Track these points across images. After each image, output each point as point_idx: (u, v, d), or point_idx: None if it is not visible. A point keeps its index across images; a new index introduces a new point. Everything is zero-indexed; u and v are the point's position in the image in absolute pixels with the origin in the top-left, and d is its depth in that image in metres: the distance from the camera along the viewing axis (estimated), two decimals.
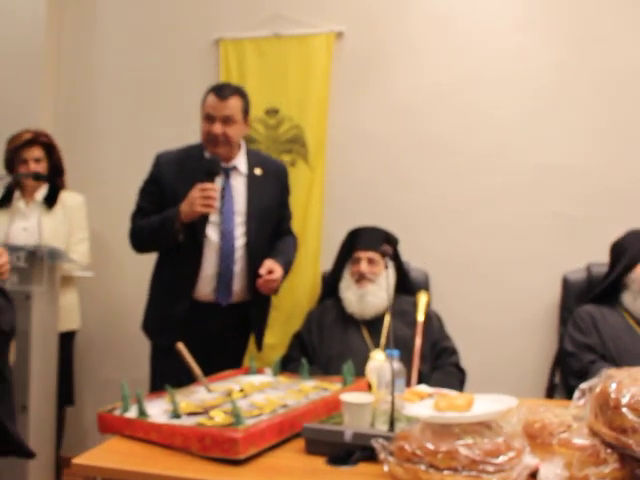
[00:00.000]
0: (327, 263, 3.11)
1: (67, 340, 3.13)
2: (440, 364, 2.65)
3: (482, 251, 3.16)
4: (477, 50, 3.17)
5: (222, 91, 2.51)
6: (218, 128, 2.49)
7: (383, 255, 2.23)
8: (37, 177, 2.95)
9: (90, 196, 3.30)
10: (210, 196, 2.40)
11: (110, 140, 3.64)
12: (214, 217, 2.52)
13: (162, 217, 2.50)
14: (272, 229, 2.69)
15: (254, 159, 2.66)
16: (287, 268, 2.64)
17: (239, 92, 2.57)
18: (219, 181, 2.54)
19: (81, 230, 3.13)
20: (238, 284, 2.58)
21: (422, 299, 2.76)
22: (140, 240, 2.62)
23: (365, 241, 2.73)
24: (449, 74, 3.19)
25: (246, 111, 2.58)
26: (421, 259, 3.09)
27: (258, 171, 2.63)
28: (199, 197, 2.39)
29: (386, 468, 1.39)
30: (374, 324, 2.67)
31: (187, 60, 3.52)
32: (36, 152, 3.03)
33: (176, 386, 1.88)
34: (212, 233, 2.53)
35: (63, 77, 3.72)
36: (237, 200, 2.57)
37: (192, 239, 2.50)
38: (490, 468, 1.28)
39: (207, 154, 2.55)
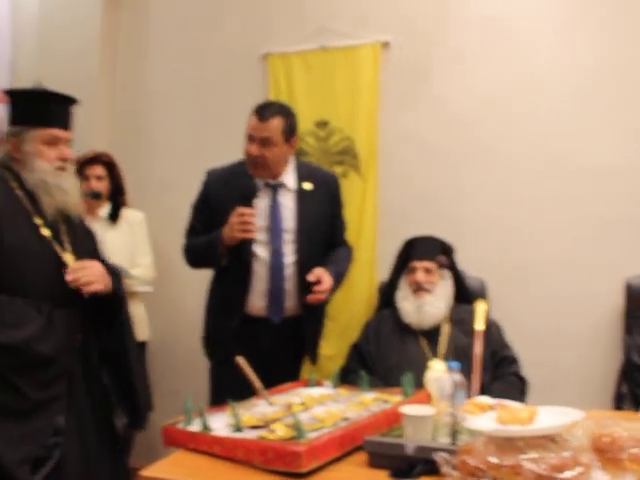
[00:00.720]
0: (383, 273, 3.10)
1: (139, 351, 3.22)
2: (500, 373, 2.61)
3: (540, 258, 3.11)
4: (527, 55, 3.13)
5: (263, 112, 2.47)
6: (255, 150, 2.47)
7: (439, 266, 2.21)
8: (94, 195, 3.05)
9: (150, 212, 3.39)
10: (247, 221, 2.39)
11: (166, 156, 3.74)
12: (263, 236, 2.52)
13: (208, 240, 2.52)
14: (324, 243, 2.67)
15: (304, 173, 2.63)
16: (339, 279, 2.62)
17: (282, 112, 2.51)
18: (266, 200, 2.54)
19: (144, 244, 3.23)
20: (290, 300, 2.58)
21: (480, 307, 2.71)
22: (191, 259, 2.67)
23: (421, 251, 2.71)
24: (500, 80, 3.17)
25: (289, 132, 2.52)
26: (478, 267, 3.05)
27: (308, 185, 2.61)
28: (236, 223, 2.39)
29: None
30: (432, 333, 2.65)
31: (236, 76, 3.59)
32: (98, 170, 3.13)
33: (235, 399, 1.90)
34: (261, 251, 2.53)
35: (118, 100, 3.85)
36: (286, 217, 2.56)
37: (240, 259, 2.51)
38: None
39: (256, 179, 2.54)
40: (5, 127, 2.14)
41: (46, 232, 2.03)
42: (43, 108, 2.07)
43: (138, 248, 3.20)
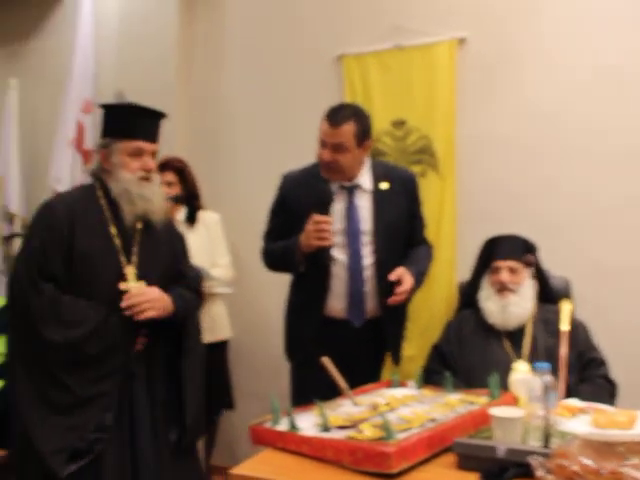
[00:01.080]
0: (462, 273, 3.06)
1: (220, 349, 3.35)
2: (588, 376, 2.53)
3: (628, 256, 3.00)
4: (608, 47, 3.03)
5: (335, 117, 2.44)
6: (327, 155, 2.45)
7: (526, 265, 2.16)
8: (175, 199, 3.13)
9: (227, 215, 3.45)
10: (323, 229, 2.38)
11: (242, 160, 3.81)
12: (340, 238, 2.51)
13: (285, 246, 2.53)
14: (402, 243, 2.64)
15: (379, 172, 2.61)
16: (420, 278, 2.59)
17: (354, 116, 2.47)
18: (343, 202, 2.53)
19: (221, 245, 3.30)
20: (371, 302, 2.56)
21: (565, 307, 2.64)
22: (270, 263, 2.70)
23: (504, 250, 2.65)
24: (581, 73, 3.07)
25: (362, 135, 2.48)
26: (562, 266, 2.95)
27: (384, 185, 2.58)
28: (312, 231, 2.38)
29: None
30: (515, 334, 2.59)
31: (312, 78, 3.62)
32: (168, 176, 3.19)
33: (316, 401, 1.91)
34: (339, 254, 2.52)
35: (195, 105, 3.95)
36: (363, 219, 2.54)
37: (318, 263, 2.50)
38: None
39: (332, 181, 2.54)
40: (97, 139, 2.29)
41: (117, 242, 2.17)
42: (129, 122, 2.20)
43: (216, 249, 3.27)
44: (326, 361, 2.04)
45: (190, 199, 3.25)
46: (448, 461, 1.59)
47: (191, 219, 3.25)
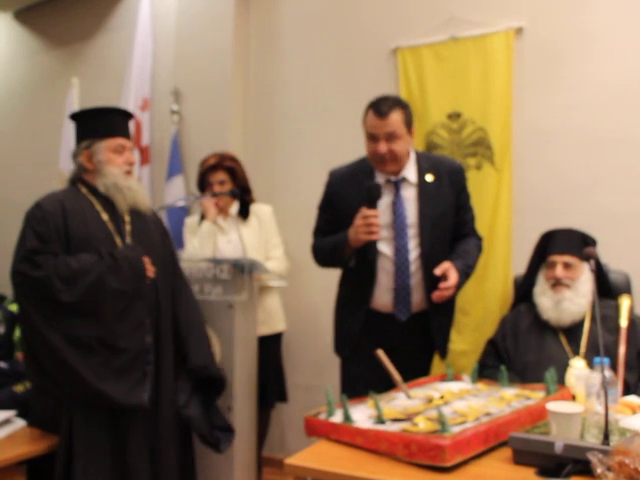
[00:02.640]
0: (518, 267, 3.01)
1: (275, 341, 3.38)
2: None
3: None
4: None
5: (381, 108, 2.44)
6: (383, 147, 2.44)
7: (588, 259, 2.11)
8: (232, 194, 3.17)
9: (280, 208, 3.48)
10: (372, 223, 2.37)
11: (294, 154, 3.83)
12: (387, 232, 2.50)
13: (334, 242, 2.54)
14: (449, 235, 2.62)
15: (425, 165, 2.59)
16: (468, 272, 2.56)
17: (398, 105, 2.48)
18: (389, 196, 2.52)
19: (274, 236, 3.32)
20: (417, 296, 2.55)
21: (625, 303, 2.59)
22: (320, 259, 2.71)
23: (561, 244, 2.61)
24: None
25: (409, 122, 2.50)
26: (621, 261, 2.88)
27: (430, 177, 2.56)
28: (361, 225, 2.38)
29: None
30: (572, 330, 2.55)
31: (366, 71, 3.60)
32: (220, 176, 3.23)
33: (365, 394, 1.92)
34: (386, 248, 2.52)
35: (250, 99, 3.99)
36: (409, 212, 2.53)
37: (365, 257, 2.51)
38: None
39: (376, 172, 2.55)
40: (74, 146, 2.47)
41: (111, 226, 2.36)
42: (108, 121, 2.42)
43: (269, 241, 3.29)
44: (380, 354, 2.04)
45: (242, 193, 3.29)
46: (503, 456, 1.58)
47: (244, 213, 3.28)
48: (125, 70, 4.19)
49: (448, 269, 2.41)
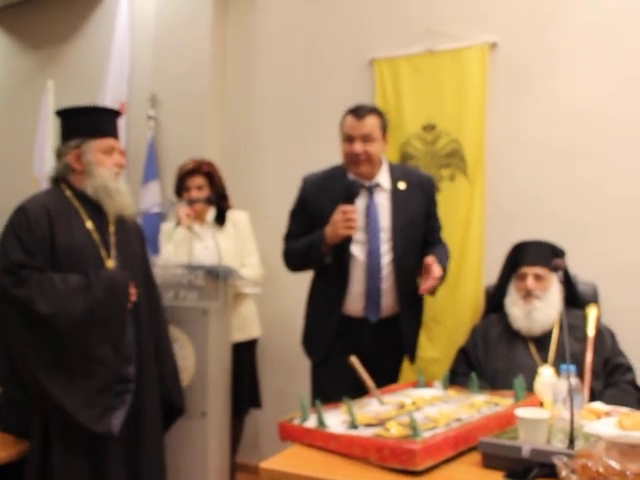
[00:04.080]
0: (489, 277, 3.07)
1: (250, 347, 3.39)
2: (614, 381, 2.54)
3: None
4: (636, 54, 3.00)
5: (359, 111, 2.55)
6: (359, 147, 2.53)
7: (556, 269, 2.17)
8: (208, 200, 3.18)
9: (255, 215, 3.50)
10: (351, 218, 2.44)
11: (271, 162, 3.86)
12: (360, 236, 2.56)
13: (310, 240, 2.58)
14: (419, 243, 2.68)
15: (397, 173, 2.68)
16: (443, 275, 2.60)
17: (375, 111, 2.61)
18: (363, 200, 2.58)
19: (250, 243, 3.33)
20: (387, 300, 2.61)
21: (592, 313, 2.65)
22: (292, 262, 2.74)
23: (531, 256, 2.67)
24: (613, 77, 3.05)
25: (384, 128, 2.61)
26: (589, 271, 2.95)
27: (402, 185, 2.65)
28: (340, 220, 2.44)
29: None
30: (541, 339, 2.61)
31: (343, 81, 3.65)
32: (198, 180, 3.24)
33: (336, 399, 1.95)
34: (359, 252, 2.57)
35: (227, 107, 4.02)
36: (382, 217, 2.60)
37: (339, 259, 2.56)
38: None
39: (349, 175, 2.61)
40: (59, 144, 2.38)
41: (96, 237, 2.28)
42: (98, 121, 2.33)
43: (245, 248, 3.30)
44: (354, 361, 2.07)
45: (219, 200, 3.30)
46: (473, 460, 1.62)
47: (220, 219, 3.30)
48: (102, 74, 4.18)
49: (432, 262, 2.47)
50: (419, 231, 2.68)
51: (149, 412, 2.37)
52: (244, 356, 3.29)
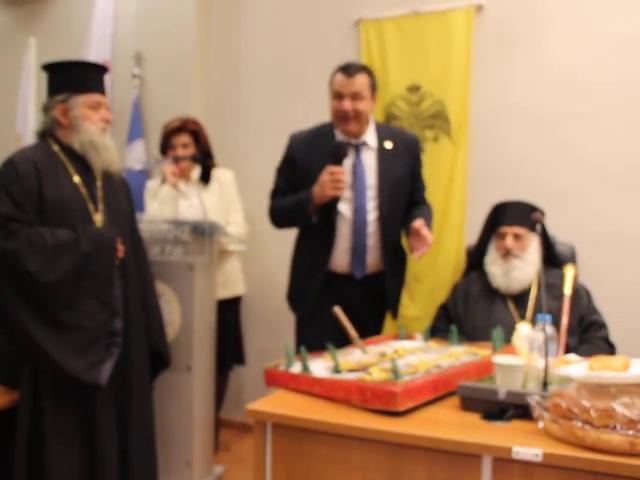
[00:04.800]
0: (470, 237, 3.13)
1: (234, 304, 3.45)
2: (588, 338, 2.62)
3: (633, 224, 3.06)
4: (624, 16, 3.04)
5: (349, 69, 2.57)
6: (348, 104, 2.56)
7: (534, 223, 2.23)
8: (193, 158, 3.20)
9: (239, 173, 3.52)
10: (338, 179, 2.48)
11: (256, 122, 3.87)
12: (347, 193, 2.60)
13: (297, 199, 2.62)
14: (404, 201, 2.73)
15: (384, 133, 2.72)
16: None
17: (365, 69, 2.63)
18: (350, 158, 2.61)
19: (235, 201, 3.36)
20: (372, 256, 2.66)
21: (569, 272, 2.71)
22: (278, 219, 2.78)
23: (511, 216, 2.72)
24: (597, 42, 3.10)
25: (373, 87, 2.63)
26: (568, 233, 3.02)
27: (388, 144, 2.68)
28: (328, 180, 2.48)
29: (541, 425, 1.44)
30: (520, 297, 2.67)
31: (329, 42, 3.66)
32: (183, 138, 3.25)
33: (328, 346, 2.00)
34: (345, 209, 2.61)
35: (213, 66, 4.01)
36: (368, 175, 2.64)
37: (326, 217, 2.60)
38: None
39: (337, 135, 2.64)
40: (46, 99, 2.38)
41: (83, 191, 2.31)
42: (85, 76, 2.34)
43: (230, 206, 3.33)
44: (338, 311, 2.13)
45: (204, 158, 3.31)
46: (452, 404, 1.69)
47: (205, 178, 3.31)
48: (85, 32, 4.12)
49: (422, 226, 2.51)
50: (405, 190, 2.72)
51: (137, 364, 2.42)
52: (228, 313, 3.34)
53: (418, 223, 2.50)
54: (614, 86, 3.07)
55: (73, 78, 2.32)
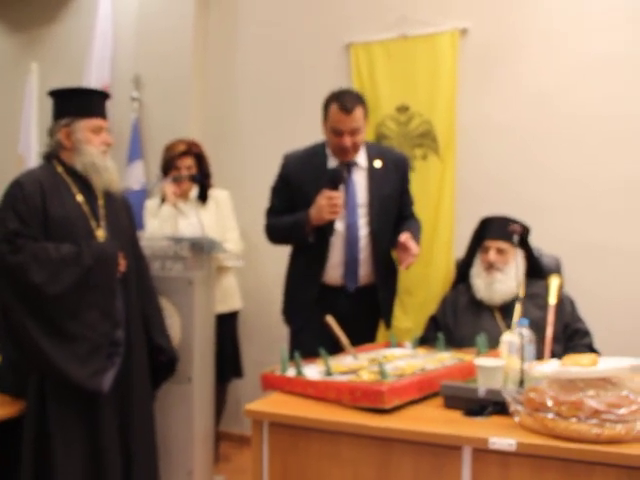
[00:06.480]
0: (460, 252, 3.22)
1: (232, 319, 3.56)
2: (572, 345, 2.70)
3: (615, 238, 3.18)
4: (605, 36, 3.19)
5: (346, 104, 2.62)
6: (348, 141, 2.65)
7: (511, 234, 2.34)
8: (193, 179, 3.33)
9: (234, 193, 3.63)
10: (336, 204, 2.60)
11: (251, 142, 4.00)
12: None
13: (293, 220, 2.73)
14: (394, 216, 2.85)
15: (374, 152, 2.83)
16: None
17: (360, 101, 2.69)
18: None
19: (231, 220, 3.48)
20: (364, 269, 2.78)
21: (554, 282, 2.79)
22: (275, 237, 2.90)
23: (495, 230, 2.81)
24: (577, 64, 3.24)
25: (367, 116, 2.73)
26: (553, 246, 3.13)
27: (378, 163, 2.80)
28: (326, 205, 2.59)
29: (517, 419, 1.55)
30: (506, 308, 2.76)
31: (322, 65, 3.81)
32: (188, 161, 3.39)
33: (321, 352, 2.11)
34: (339, 225, 2.73)
35: (209, 89, 4.15)
36: (359, 193, 2.76)
37: (321, 235, 2.71)
38: (613, 418, 1.42)
39: (330, 157, 2.75)
40: (51, 123, 2.52)
41: (86, 209, 2.45)
42: (88, 102, 2.49)
43: (226, 224, 3.45)
44: (330, 320, 2.24)
45: (202, 178, 3.44)
46: (436, 403, 1.81)
47: (203, 197, 3.44)
48: (85, 56, 4.25)
49: (408, 239, 2.62)
50: (394, 206, 2.85)
51: (138, 373, 2.52)
52: (226, 327, 3.45)
53: (404, 237, 2.61)
54: (594, 104, 3.21)
55: (76, 103, 2.47)
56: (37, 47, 4.83)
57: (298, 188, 2.77)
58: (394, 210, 2.85)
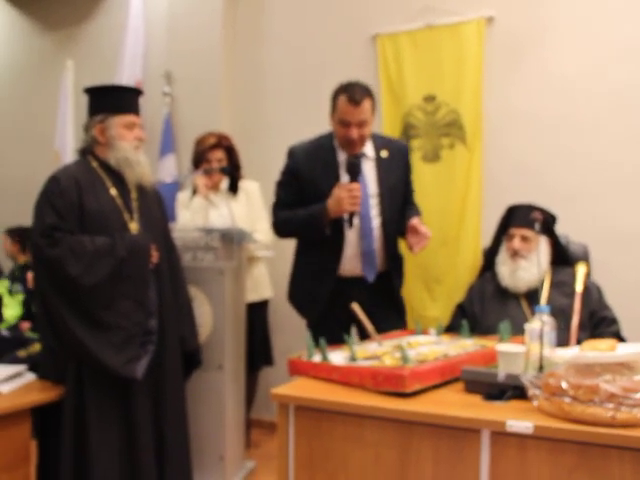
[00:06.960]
0: (487, 240, 3.24)
1: (262, 308, 3.64)
2: (599, 333, 2.70)
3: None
4: (634, 20, 3.17)
5: (355, 96, 2.62)
6: (355, 133, 2.66)
7: (533, 221, 2.36)
8: (224, 170, 3.40)
9: (264, 184, 3.68)
10: (356, 196, 2.61)
11: (279, 135, 4.05)
12: None
13: (309, 214, 2.73)
14: (401, 205, 2.88)
15: (379, 143, 2.85)
16: None
17: (368, 93, 2.69)
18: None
19: (261, 210, 3.54)
20: (379, 258, 2.81)
21: (581, 270, 2.81)
22: (286, 231, 2.92)
23: (520, 218, 2.83)
24: (605, 51, 3.23)
25: (374, 108, 2.73)
26: (581, 234, 3.14)
27: (384, 153, 2.82)
28: (347, 197, 2.61)
29: (535, 403, 1.59)
30: (533, 295, 2.77)
31: (348, 56, 3.85)
32: (219, 154, 3.47)
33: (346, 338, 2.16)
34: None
35: (239, 82, 4.23)
36: (369, 183, 2.78)
37: (336, 228, 2.72)
38: (629, 402, 1.44)
39: (338, 149, 2.77)
40: (86, 119, 2.62)
41: (119, 202, 2.54)
42: (121, 99, 2.59)
43: (256, 214, 3.52)
44: (355, 307, 2.29)
45: (232, 170, 3.51)
46: (457, 388, 1.85)
47: (233, 189, 3.51)
48: (118, 53, 4.37)
49: (419, 223, 2.67)
50: (401, 194, 2.88)
51: (170, 361, 2.61)
52: (256, 316, 3.52)
53: (415, 221, 2.66)
54: (621, 90, 3.20)
55: (110, 101, 2.57)
56: (72, 45, 4.96)
57: (308, 180, 2.78)
58: (401, 198, 2.89)
